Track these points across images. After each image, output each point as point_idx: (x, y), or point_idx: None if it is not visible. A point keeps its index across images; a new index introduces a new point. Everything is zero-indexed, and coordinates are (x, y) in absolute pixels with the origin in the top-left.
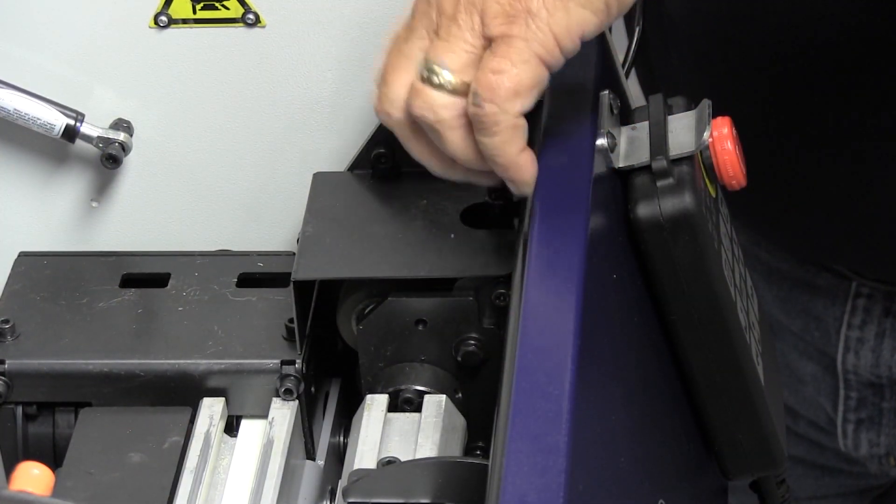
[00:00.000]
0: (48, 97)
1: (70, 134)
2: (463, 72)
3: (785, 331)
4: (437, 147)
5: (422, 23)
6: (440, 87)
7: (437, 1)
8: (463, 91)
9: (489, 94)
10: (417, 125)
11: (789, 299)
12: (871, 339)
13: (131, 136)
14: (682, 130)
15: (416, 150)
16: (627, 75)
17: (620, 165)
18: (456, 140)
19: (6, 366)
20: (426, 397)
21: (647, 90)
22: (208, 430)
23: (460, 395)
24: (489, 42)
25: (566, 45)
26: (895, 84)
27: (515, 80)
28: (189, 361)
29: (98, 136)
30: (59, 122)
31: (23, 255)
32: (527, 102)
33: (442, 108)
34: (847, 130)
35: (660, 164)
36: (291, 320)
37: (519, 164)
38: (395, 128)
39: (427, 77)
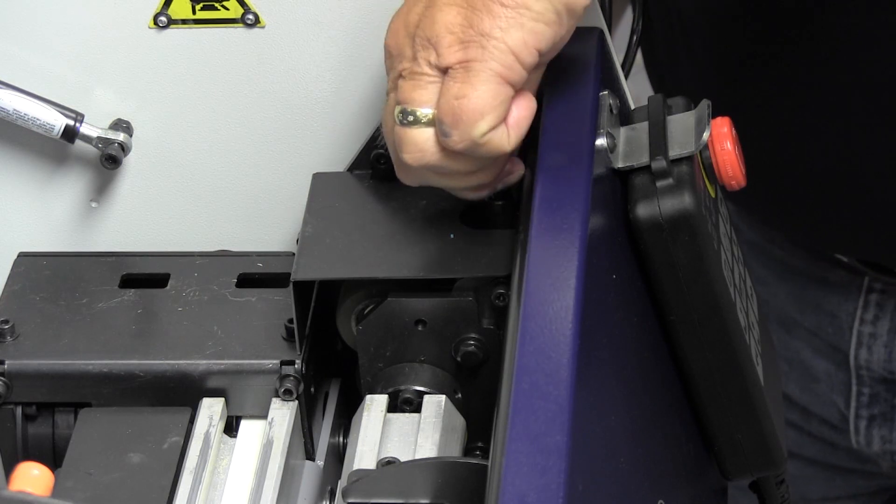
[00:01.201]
0: (48, 97)
1: (70, 134)
2: (431, 103)
3: (798, 327)
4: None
5: (390, 77)
6: (418, 123)
7: (398, 50)
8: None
9: (454, 121)
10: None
11: (802, 296)
12: (883, 335)
13: (131, 136)
14: (681, 131)
15: (443, 186)
16: (627, 75)
17: (620, 166)
18: (453, 163)
19: (6, 366)
20: (426, 397)
21: (658, 89)
22: (208, 431)
23: (460, 395)
24: (447, 71)
25: (525, 59)
26: None
27: (477, 102)
28: (189, 362)
29: (98, 137)
30: (59, 122)
31: (23, 255)
32: (493, 120)
33: (424, 144)
34: (857, 123)
35: (659, 164)
36: (291, 320)
37: (508, 167)
38: (417, 181)
39: (404, 119)
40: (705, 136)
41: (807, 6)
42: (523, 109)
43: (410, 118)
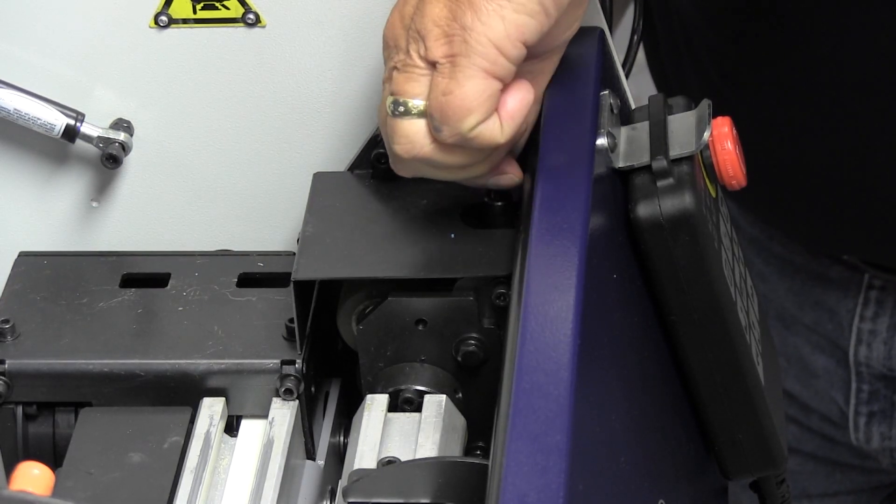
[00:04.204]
0: (48, 97)
1: (70, 134)
2: (423, 95)
3: (797, 324)
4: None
5: (386, 67)
6: (409, 115)
7: (394, 41)
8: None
9: (442, 117)
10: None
11: (802, 292)
12: (883, 332)
13: (131, 136)
14: (682, 130)
15: (440, 175)
16: (628, 75)
17: (620, 165)
18: (446, 156)
19: (6, 366)
20: (426, 397)
21: (661, 89)
22: (208, 430)
23: (460, 395)
24: (435, 65)
25: (509, 52)
26: None
27: (463, 98)
28: (189, 361)
29: (98, 136)
30: (60, 122)
31: (23, 255)
32: (481, 115)
33: (417, 134)
34: (858, 121)
35: (660, 164)
36: (291, 320)
37: (512, 149)
38: (413, 173)
39: (395, 110)
40: (706, 135)
41: (807, 6)
42: (518, 101)
43: (402, 109)
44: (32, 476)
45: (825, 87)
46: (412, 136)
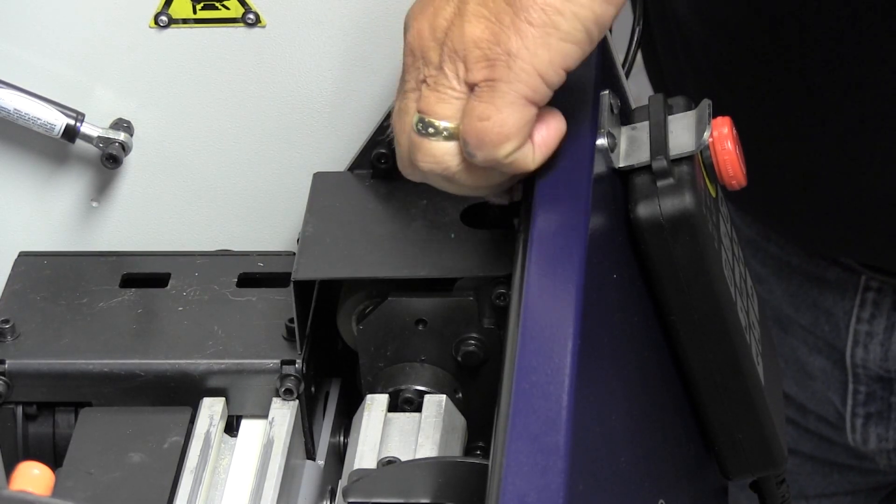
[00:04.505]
0: (48, 97)
1: (70, 134)
2: (457, 117)
3: (794, 325)
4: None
5: (411, 76)
6: (437, 136)
7: (423, 52)
8: (459, 135)
9: (478, 142)
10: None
11: (799, 293)
12: (880, 333)
13: (131, 136)
14: (682, 130)
15: (451, 188)
16: (628, 75)
17: (620, 165)
18: (470, 178)
19: (6, 366)
20: (426, 397)
21: (658, 89)
22: (208, 430)
23: (460, 395)
24: (473, 87)
25: (551, 80)
26: None
27: (502, 125)
28: (189, 361)
29: (98, 136)
30: (60, 122)
31: (23, 255)
32: (518, 142)
33: (445, 155)
34: (854, 124)
35: (660, 164)
36: (291, 320)
37: (533, 165)
38: (425, 181)
39: (423, 130)
40: (706, 135)
41: (804, 7)
42: (552, 130)
43: (431, 130)
44: (32, 476)
45: (821, 89)
46: (440, 157)
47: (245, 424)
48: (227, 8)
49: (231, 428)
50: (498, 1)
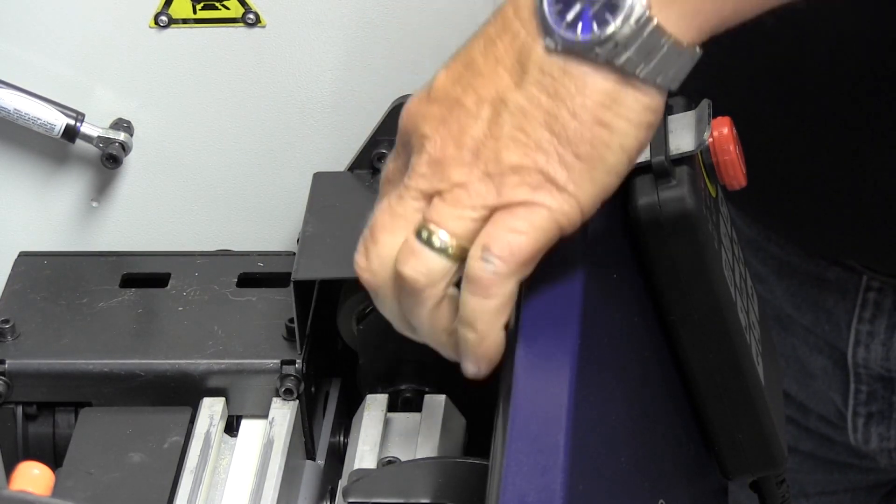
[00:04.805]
0: (48, 97)
1: (70, 134)
2: (465, 238)
3: (795, 324)
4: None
5: (419, 184)
6: (439, 250)
7: (444, 169)
8: (459, 257)
9: (503, 253)
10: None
11: (800, 293)
12: (881, 333)
13: (131, 136)
14: (682, 130)
15: (389, 310)
16: None
17: None
18: (434, 312)
19: (6, 366)
20: (426, 397)
21: None
22: (208, 430)
23: (460, 395)
24: (501, 208)
25: (590, 212)
26: None
27: (532, 244)
28: (189, 361)
29: (98, 136)
30: (60, 122)
31: (23, 255)
32: (529, 271)
33: (437, 272)
34: (855, 127)
35: (660, 163)
36: (292, 320)
37: (495, 340)
38: (378, 288)
39: (426, 238)
40: (706, 135)
41: (803, 11)
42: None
43: (435, 241)
44: (32, 476)
45: (819, 92)
46: (433, 271)
47: (245, 424)
48: (227, 8)
49: (231, 428)
50: (538, 128)
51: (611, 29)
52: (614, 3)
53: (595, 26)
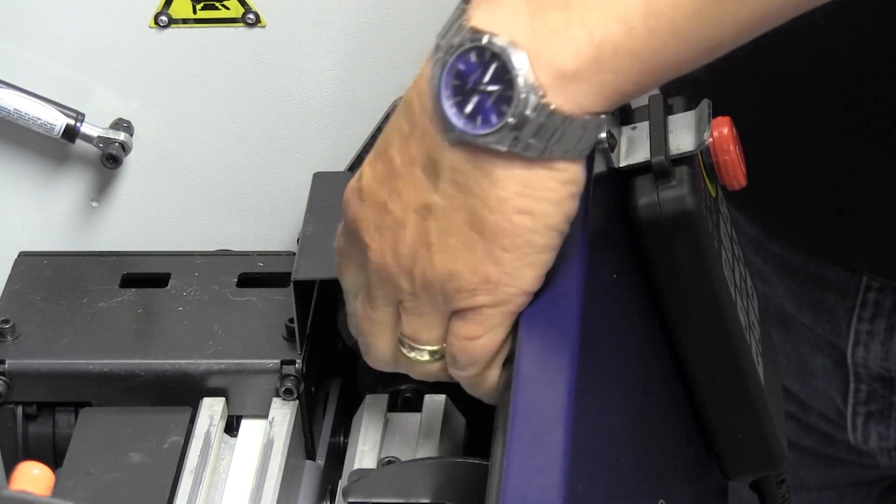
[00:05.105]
0: (48, 97)
1: (70, 134)
2: (442, 340)
3: (796, 323)
4: None
5: (380, 294)
6: (426, 361)
7: (391, 278)
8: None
9: (468, 361)
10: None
11: (800, 292)
12: (880, 333)
13: (131, 136)
14: (682, 130)
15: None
16: None
17: (620, 165)
18: (435, 375)
19: (6, 366)
20: (426, 397)
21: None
22: (208, 430)
23: (460, 394)
24: (453, 313)
25: (535, 289)
26: None
27: (490, 344)
28: (189, 361)
29: (98, 136)
30: (60, 122)
31: (23, 255)
32: (504, 354)
33: (432, 372)
34: (855, 128)
35: (660, 164)
36: (292, 320)
37: (495, 377)
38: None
39: (410, 352)
40: (706, 135)
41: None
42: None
43: (422, 357)
44: (32, 476)
45: (819, 93)
46: (431, 374)
47: (245, 424)
48: (227, 8)
49: (231, 428)
50: (463, 229)
51: (509, 119)
52: (508, 96)
53: (494, 118)
